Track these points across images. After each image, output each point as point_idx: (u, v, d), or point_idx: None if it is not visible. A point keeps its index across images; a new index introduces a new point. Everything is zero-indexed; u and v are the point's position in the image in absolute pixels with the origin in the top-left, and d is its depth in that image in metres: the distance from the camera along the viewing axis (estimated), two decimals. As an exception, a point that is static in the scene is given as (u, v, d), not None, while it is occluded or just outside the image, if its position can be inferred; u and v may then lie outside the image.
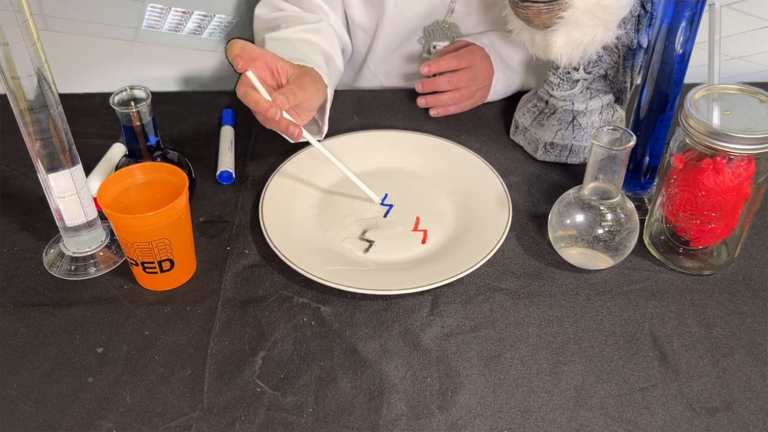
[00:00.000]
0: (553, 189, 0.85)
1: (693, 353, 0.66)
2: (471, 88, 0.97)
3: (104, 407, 0.62)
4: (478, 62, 0.97)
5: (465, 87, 0.97)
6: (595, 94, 0.88)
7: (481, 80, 0.98)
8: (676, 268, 0.74)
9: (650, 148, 0.78)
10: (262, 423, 0.61)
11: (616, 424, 0.60)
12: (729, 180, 0.66)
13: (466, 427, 0.60)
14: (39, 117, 0.65)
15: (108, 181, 0.71)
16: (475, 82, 0.97)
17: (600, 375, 0.64)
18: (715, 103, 0.67)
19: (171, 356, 0.66)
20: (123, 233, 0.68)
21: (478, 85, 0.98)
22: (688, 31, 0.70)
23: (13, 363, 0.66)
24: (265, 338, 0.68)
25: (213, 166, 0.89)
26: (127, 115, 0.75)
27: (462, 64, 0.96)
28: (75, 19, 1.08)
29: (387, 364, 0.65)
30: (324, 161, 0.87)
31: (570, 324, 0.69)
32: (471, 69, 0.96)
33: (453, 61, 0.96)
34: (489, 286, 0.73)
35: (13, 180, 0.87)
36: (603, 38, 0.78)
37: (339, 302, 0.71)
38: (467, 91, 0.97)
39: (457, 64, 0.96)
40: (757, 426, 0.60)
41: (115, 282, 0.74)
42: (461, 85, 0.96)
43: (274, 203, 0.80)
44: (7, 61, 0.61)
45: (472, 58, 0.96)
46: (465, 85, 0.97)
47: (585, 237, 0.71)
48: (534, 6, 0.76)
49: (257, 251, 0.77)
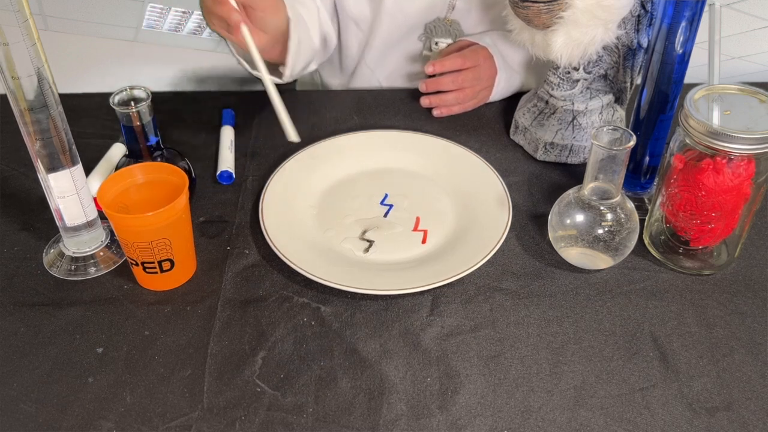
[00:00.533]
0: (553, 189, 0.85)
1: (693, 353, 0.66)
2: (475, 88, 0.97)
3: (104, 407, 0.62)
4: (482, 62, 0.97)
5: (469, 87, 0.97)
6: (595, 94, 0.88)
7: (485, 80, 0.98)
8: (676, 268, 0.74)
9: (650, 148, 0.78)
10: (262, 423, 0.61)
11: (616, 424, 0.60)
12: (729, 180, 0.66)
13: (466, 427, 0.60)
14: (39, 117, 0.65)
15: (108, 181, 0.71)
16: (479, 82, 0.97)
17: (600, 375, 0.64)
18: (715, 103, 0.67)
19: (171, 356, 0.66)
20: (123, 233, 0.68)
21: (481, 85, 0.98)
22: (688, 31, 0.70)
23: (13, 363, 0.66)
24: (265, 338, 0.68)
25: (213, 166, 0.89)
26: (127, 115, 0.75)
27: (467, 64, 0.96)
28: (75, 19, 1.09)
29: (387, 364, 0.65)
30: (324, 161, 0.87)
31: (570, 324, 0.69)
32: (475, 69, 0.96)
33: (458, 60, 0.96)
34: (489, 286, 0.73)
35: (13, 180, 0.87)
36: (603, 38, 0.78)
37: (339, 302, 0.71)
38: (471, 91, 0.97)
39: (462, 64, 0.96)
40: (757, 426, 0.60)
41: (115, 282, 0.74)
42: (465, 84, 0.96)
43: (274, 203, 0.80)
44: (7, 61, 0.61)
45: (477, 57, 0.96)
46: (469, 85, 0.97)
47: (585, 237, 0.71)
48: (534, 6, 0.76)
49: (257, 251, 0.77)
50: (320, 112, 1.00)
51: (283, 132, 0.79)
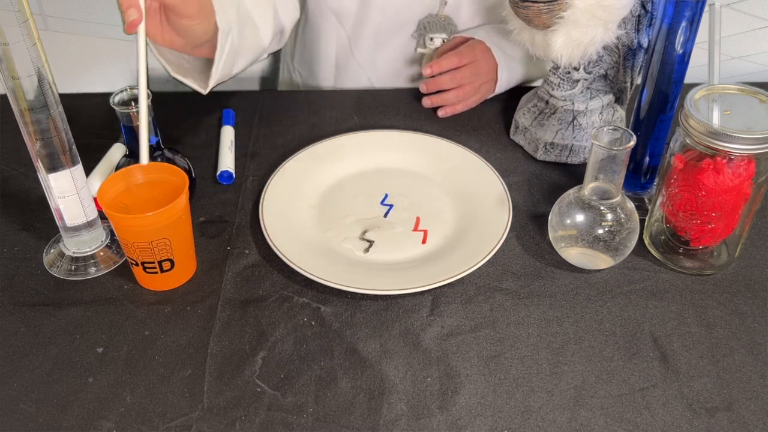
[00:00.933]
0: (553, 189, 0.85)
1: (693, 353, 0.66)
2: (475, 84, 0.97)
3: (104, 407, 0.62)
4: (480, 56, 0.96)
5: (469, 83, 0.97)
6: (596, 94, 0.88)
7: (484, 74, 0.97)
8: (676, 268, 0.74)
9: (650, 148, 0.78)
10: (262, 423, 0.61)
11: (616, 424, 0.60)
12: (729, 180, 0.66)
13: (466, 427, 0.60)
14: (39, 117, 0.65)
15: (108, 181, 0.71)
16: (478, 77, 0.97)
17: (600, 375, 0.64)
18: (715, 103, 0.67)
19: (171, 356, 0.66)
20: (123, 233, 0.68)
21: (481, 79, 0.97)
22: (688, 31, 0.70)
23: (13, 363, 0.66)
24: (265, 338, 0.68)
25: (213, 166, 0.89)
26: (127, 115, 0.75)
27: (463, 61, 0.96)
28: (75, 19, 1.09)
29: (387, 364, 0.65)
30: (324, 161, 0.87)
31: (570, 324, 0.69)
32: (473, 64, 0.96)
33: (454, 59, 0.95)
34: (489, 286, 0.73)
35: (13, 180, 0.87)
36: (603, 38, 0.78)
37: (339, 302, 0.71)
38: (471, 87, 0.97)
39: (458, 62, 0.95)
40: (757, 426, 0.60)
41: (115, 282, 0.74)
42: (465, 81, 0.96)
43: (274, 203, 0.80)
44: (7, 61, 0.61)
45: (473, 53, 0.96)
46: (468, 81, 0.96)
47: (585, 237, 0.71)
48: (534, 6, 0.76)
49: (257, 251, 0.77)
50: (320, 112, 1.00)
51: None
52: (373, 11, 0.99)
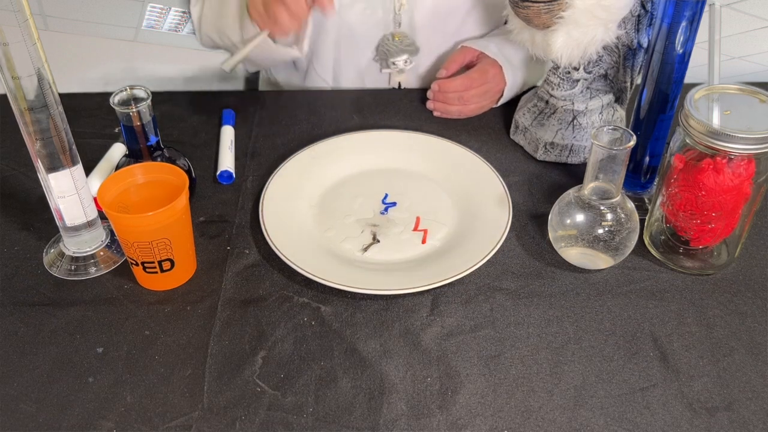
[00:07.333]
0: (553, 189, 0.85)
1: (693, 353, 0.66)
2: (480, 104, 0.98)
3: (104, 407, 0.62)
4: (491, 80, 0.97)
5: (475, 103, 0.97)
6: (595, 94, 0.88)
7: (492, 95, 0.98)
8: (677, 268, 0.74)
9: (650, 148, 0.78)
10: (262, 423, 0.61)
11: (616, 424, 0.60)
12: (729, 180, 0.66)
13: (466, 427, 0.60)
14: (39, 117, 0.65)
15: (108, 181, 0.71)
16: (485, 97, 0.98)
17: (600, 375, 0.64)
18: (715, 103, 0.67)
19: (171, 356, 0.66)
20: (123, 233, 0.68)
21: (488, 99, 0.98)
22: (688, 31, 0.70)
23: (13, 363, 0.66)
24: (265, 338, 0.68)
25: (213, 166, 0.89)
26: (127, 115, 0.75)
27: (474, 86, 0.96)
28: (75, 19, 1.09)
29: (387, 364, 0.65)
30: (324, 161, 0.87)
31: (570, 324, 0.69)
32: (483, 87, 0.97)
33: (465, 82, 0.96)
34: (489, 286, 0.73)
35: (13, 180, 0.87)
36: (603, 38, 0.78)
37: (339, 302, 0.71)
38: (476, 107, 0.98)
39: (468, 86, 0.96)
40: (757, 426, 0.60)
41: (115, 282, 0.74)
42: (472, 102, 0.97)
43: (274, 203, 0.80)
44: (7, 61, 0.61)
45: (485, 78, 0.96)
46: (475, 102, 0.97)
47: (585, 237, 0.71)
48: (534, 6, 0.76)
49: (257, 251, 0.77)
50: (320, 112, 1.00)
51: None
52: (329, 27, 1.00)
